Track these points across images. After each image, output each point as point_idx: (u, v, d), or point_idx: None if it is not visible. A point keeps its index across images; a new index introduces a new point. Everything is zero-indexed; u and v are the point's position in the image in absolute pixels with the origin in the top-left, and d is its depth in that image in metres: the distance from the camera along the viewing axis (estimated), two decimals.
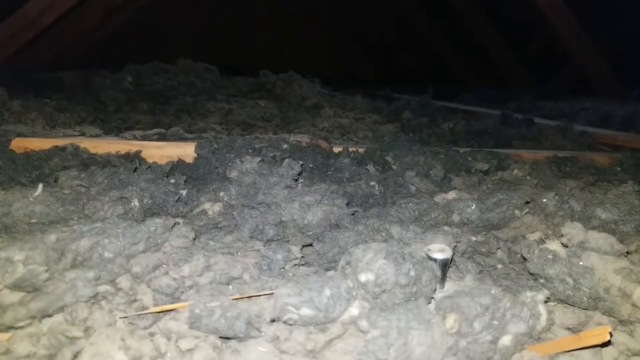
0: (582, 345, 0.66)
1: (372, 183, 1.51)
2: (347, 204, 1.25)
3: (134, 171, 1.33)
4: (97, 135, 1.78)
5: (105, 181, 1.28)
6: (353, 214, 1.25)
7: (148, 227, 0.98)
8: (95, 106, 2.55)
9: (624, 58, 4.73)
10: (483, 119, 2.81)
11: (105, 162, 1.61)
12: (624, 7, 4.79)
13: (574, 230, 0.89)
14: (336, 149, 1.91)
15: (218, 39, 5.76)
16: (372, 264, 0.78)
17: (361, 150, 1.88)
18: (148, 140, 1.76)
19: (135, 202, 1.19)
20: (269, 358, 0.72)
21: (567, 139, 2.39)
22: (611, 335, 0.63)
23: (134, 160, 1.61)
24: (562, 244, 0.90)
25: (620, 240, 1.11)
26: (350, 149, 1.90)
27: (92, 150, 1.66)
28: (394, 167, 1.62)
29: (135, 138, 1.74)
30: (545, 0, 4.30)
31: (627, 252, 0.89)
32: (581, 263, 0.85)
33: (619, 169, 2.06)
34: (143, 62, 2.97)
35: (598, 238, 0.87)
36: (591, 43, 4.52)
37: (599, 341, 0.63)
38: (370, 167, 1.64)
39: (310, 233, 1.17)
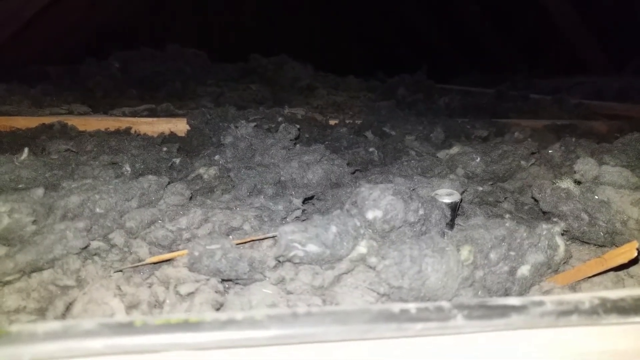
0: (607, 267, 0.62)
1: (371, 149, 1.47)
2: (347, 164, 1.21)
3: (126, 139, 1.28)
4: (85, 113, 1.72)
5: (95, 149, 1.23)
6: (354, 173, 1.21)
7: (141, 183, 0.93)
8: (82, 93, 2.48)
9: (616, 33, 4.73)
10: (478, 96, 2.78)
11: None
12: None
13: (587, 166, 0.86)
14: (332, 122, 1.86)
15: (207, 25, 5.69)
16: (380, 201, 0.74)
17: (358, 122, 1.84)
18: (138, 117, 1.70)
19: (127, 167, 1.14)
20: (275, 299, 0.67)
21: (563, 110, 2.37)
22: (639, 251, 0.59)
23: (124, 135, 1.56)
24: (575, 181, 0.87)
25: None
26: (347, 121, 1.86)
27: (81, 128, 1.60)
28: (393, 133, 1.58)
29: (124, 115, 1.69)
30: None
31: None
32: (596, 197, 0.81)
33: (618, 135, 2.04)
34: (132, 49, 2.91)
35: (613, 172, 0.84)
36: (582, 20, 4.51)
37: (626, 259, 0.59)
38: (369, 134, 1.60)
39: (312, 192, 1.13)
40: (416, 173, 1.17)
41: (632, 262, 0.62)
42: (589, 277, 0.67)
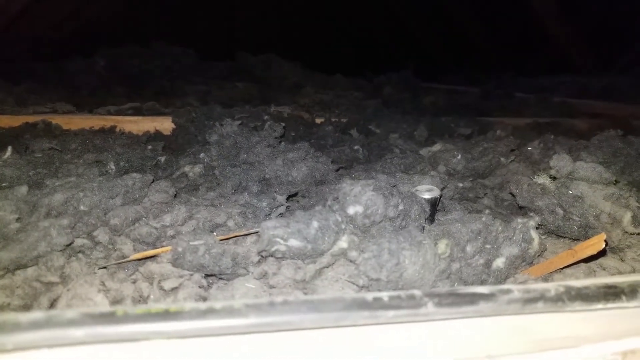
0: (577, 258, 0.64)
1: (356, 147, 1.49)
2: (332, 161, 1.22)
3: (110, 137, 1.28)
4: (69, 112, 1.72)
5: (79, 147, 1.23)
6: (338, 170, 1.22)
7: (125, 181, 0.94)
8: (68, 90, 2.47)
9: (601, 33, 4.82)
10: (464, 95, 2.81)
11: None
12: None
13: (562, 162, 0.88)
14: (318, 120, 1.88)
15: (196, 23, 5.66)
16: (360, 196, 0.76)
17: (344, 120, 1.86)
18: (123, 115, 1.70)
19: (112, 165, 1.14)
20: (258, 293, 0.69)
21: (547, 109, 2.41)
22: (607, 243, 0.61)
23: (108, 134, 1.55)
24: (550, 176, 0.89)
25: None
26: (333, 120, 1.88)
27: (65, 127, 1.60)
28: (378, 131, 1.60)
29: (109, 113, 1.69)
30: None
31: (615, 181, 0.89)
32: (570, 192, 0.84)
33: (599, 133, 2.08)
34: (118, 47, 2.90)
35: (586, 167, 0.87)
36: (568, 20, 4.58)
37: (595, 250, 0.62)
38: (354, 132, 1.62)
39: (296, 189, 1.14)
40: (399, 170, 1.19)
41: (601, 254, 0.64)
42: (562, 269, 0.70)
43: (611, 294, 0.47)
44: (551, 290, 0.46)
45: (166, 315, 0.40)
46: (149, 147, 1.31)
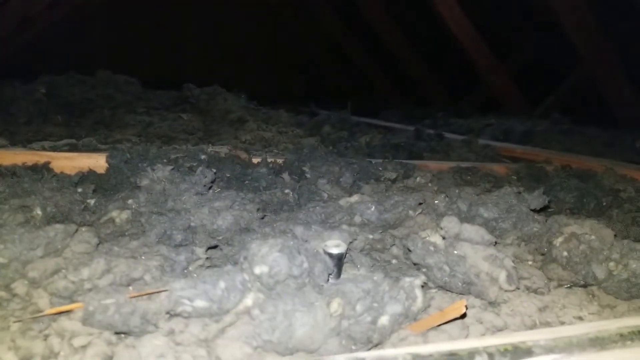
0: (444, 319, 0.75)
1: (287, 191, 1.58)
2: (257, 209, 1.30)
3: (40, 180, 1.30)
4: (2, 146, 1.71)
5: (7, 190, 1.24)
6: (263, 218, 1.30)
7: (47, 232, 0.98)
8: (3, 118, 2.42)
9: (530, 78, 5.25)
10: (399, 133, 2.99)
11: (10, 173, 1.54)
12: (530, 32, 5.34)
13: (450, 224, 1.01)
14: (255, 160, 1.96)
15: (141, 53, 5.64)
16: (267, 257, 0.84)
17: (280, 161, 1.95)
18: (58, 151, 1.71)
19: (38, 211, 1.17)
20: (164, 351, 0.74)
21: (471, 151, 2.61)
22: (466, 308, 0.72)
23: (41, 171, 1.56)
24: (441, 236, 1.01)
25: (499, 235, 1.26)
26: (270, 160, 1.96)
27: None
28: (308, 175, 1.70)
29: (44, 149, 1.69)
30: (458, 28, 4.68)
31: (495, 242, 1.02)
32: (455, 252, 0.96)
33: (515, 177, 2.28)
34: (60, 74, 2.87)
35: (470, 230, 0.99)
36: (500, 65, 4.97)
37: (457, 314, 0.73)
38: (286, 176, 1.71)
39: (221, 237, 1.21)
40: (319, 220, 1.29)
41: (463, 316, 0.76)
42: (438, 326, 0.80)
43: None
44: (399, 358, 0.55)
45: None
46: (79, 189, 1.34)
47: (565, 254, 1.07)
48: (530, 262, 1.16)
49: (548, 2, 3.99)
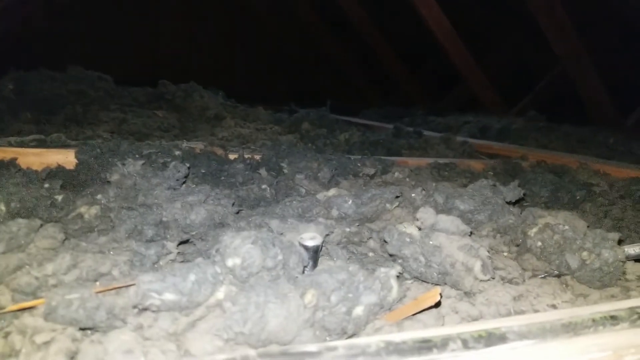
0: (419, 308, 0.74)
1: (264, 186, 1.55)
2: (233, 204, 1.27)
3: (4, 176, 1.25)
4: None
5: None
6: (238, 213, 1.27)
7: (10, 227, 0.93)
8: None
9: (507, 77, 5.34)
10: (378, 131, 2.99)
11: None
12: (507, 32, 5.44)
13: (426, 215, 1.00)
14: (232, 156, 1.92)
15: (116, 50, 5.53)
16: (239, 249, 0.82)
17: (257, 157, 1.92)
18: (25, 147, 1.65)
19: (1, 207, 1.12)
20: (132, 346, 0.71)
21: (449, 148, 2.63)
22: (441, 296, 0.72)
23: (7, 167, 1.50)
24: (417, 227, 1.01)
25: (475, 227, 1.26)
26: (247, 156, 1.93)
27: None
28: (286, 171, 1.68)
29: (10, 144, 1.63)
30: (437, 27, 4.73)
31: (471, 233, 1.02)
32: (431, 242, 0.95)
33: (492, 173, 2.31)
34: (28, 70, 2.78)
35: (446, 220, 0.99)
36: (477, 64, 5.03)
37: (432, 302, 0.72)
38: (263, 172, 1.68)
39: (194, 232, 1.18)
40: (296, 214, 1.27)
41: (438, 304, 0.75)
42: (413, 315, 0.79)
43: (425, 347, 0.56)
44: (372, 346, 0.54)
45: None
46: (46, 185, 1.29)
47: (539, 244, 1.07)
48: (505, 253, 1.17)
49: (525, 2, 4.06)
